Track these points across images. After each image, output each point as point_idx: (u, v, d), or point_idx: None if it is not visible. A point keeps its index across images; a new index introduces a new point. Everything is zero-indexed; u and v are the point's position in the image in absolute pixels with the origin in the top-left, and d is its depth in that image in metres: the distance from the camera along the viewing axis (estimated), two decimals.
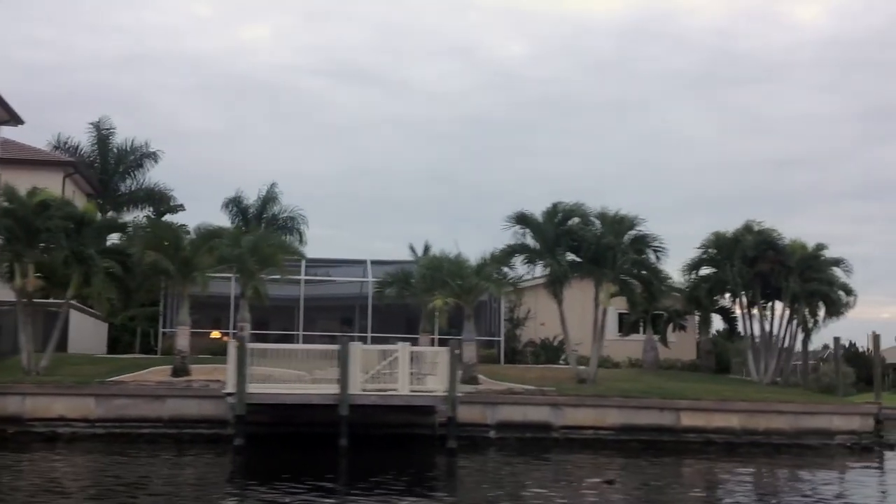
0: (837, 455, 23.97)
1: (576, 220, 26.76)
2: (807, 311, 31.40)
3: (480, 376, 26.22)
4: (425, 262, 26.33)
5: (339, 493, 15.75)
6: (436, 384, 20.88)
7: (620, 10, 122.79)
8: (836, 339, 48.49)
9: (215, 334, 32.41)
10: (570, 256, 27.12)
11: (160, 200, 41.02)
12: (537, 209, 26.75)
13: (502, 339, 34.46)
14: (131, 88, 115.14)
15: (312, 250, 37.28)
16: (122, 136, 41.32)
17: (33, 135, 39.18)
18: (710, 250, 31.30)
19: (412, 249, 38.73)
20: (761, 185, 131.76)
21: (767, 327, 31.54)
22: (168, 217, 51.55)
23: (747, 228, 30.52)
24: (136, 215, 39.09)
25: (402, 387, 20.55)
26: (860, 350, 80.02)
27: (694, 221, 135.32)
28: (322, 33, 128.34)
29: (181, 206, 51.42)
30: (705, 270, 31.83)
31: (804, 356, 50.51)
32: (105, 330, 33.77)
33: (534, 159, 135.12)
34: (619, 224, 26.54)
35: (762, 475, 20.24)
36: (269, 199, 40.19)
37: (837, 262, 32.06)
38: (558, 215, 26.54)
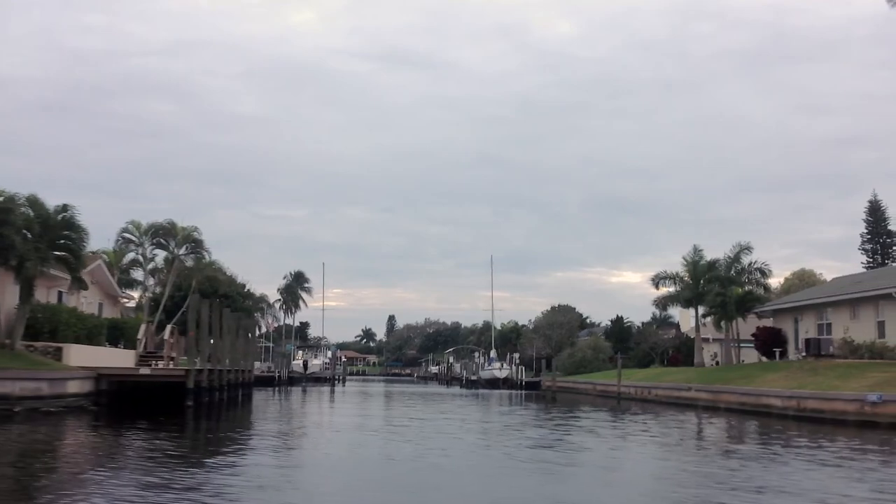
0: None
1: None
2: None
3: None
4: None
5: None
6: None
7: None
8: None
9: None
10: None
11: None
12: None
13: None
14: (180, 74, 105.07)
15: None
16: None
17: None
18: None
19: None
20: (820, 164, 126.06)
21: None
22: None
23: None
24: None
25: None
26: (627, 325, 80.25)
27: (750, 203, 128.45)
28: (368, 16, 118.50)
29: None
30: None
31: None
32: None
33: (585, 140, 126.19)
34: None
35: None
36: None
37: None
38: None
